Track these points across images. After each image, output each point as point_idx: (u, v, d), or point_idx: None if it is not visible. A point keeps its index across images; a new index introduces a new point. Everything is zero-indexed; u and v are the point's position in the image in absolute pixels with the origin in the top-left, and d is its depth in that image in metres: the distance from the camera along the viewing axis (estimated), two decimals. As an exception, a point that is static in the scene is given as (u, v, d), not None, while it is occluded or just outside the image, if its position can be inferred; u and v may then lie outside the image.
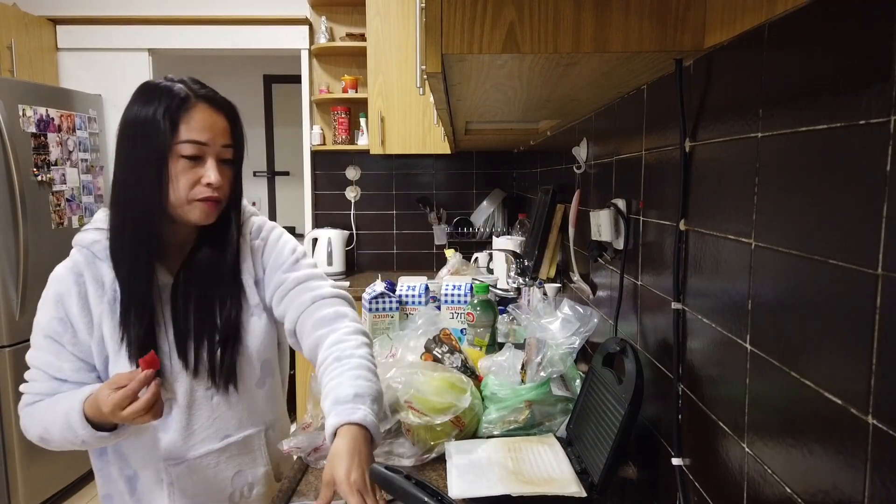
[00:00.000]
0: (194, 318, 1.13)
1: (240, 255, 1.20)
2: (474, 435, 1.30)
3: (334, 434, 0.99)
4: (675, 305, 0.98)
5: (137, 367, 1.04)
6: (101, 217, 1.15)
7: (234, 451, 1.19)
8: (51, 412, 1.07)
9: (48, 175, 3.09)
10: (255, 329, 1.20)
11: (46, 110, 3.11)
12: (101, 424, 1.05)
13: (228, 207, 1.16)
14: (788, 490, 0.67)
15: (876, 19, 0.53)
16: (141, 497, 1.16)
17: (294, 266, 1.23)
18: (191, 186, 1.07)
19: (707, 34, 0.85)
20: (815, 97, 0.62)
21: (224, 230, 1.16)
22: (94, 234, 1.12)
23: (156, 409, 1.00)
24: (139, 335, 1.08)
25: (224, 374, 1.15)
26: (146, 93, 1.08)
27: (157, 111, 1.04)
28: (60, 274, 1.11)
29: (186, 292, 1.14)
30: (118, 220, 1.10)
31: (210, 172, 1.08)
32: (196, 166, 1.07)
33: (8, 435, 2.84)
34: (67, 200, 3.25)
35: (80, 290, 1.09)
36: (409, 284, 2.01)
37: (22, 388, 1.13)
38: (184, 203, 1.08)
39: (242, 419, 1.20)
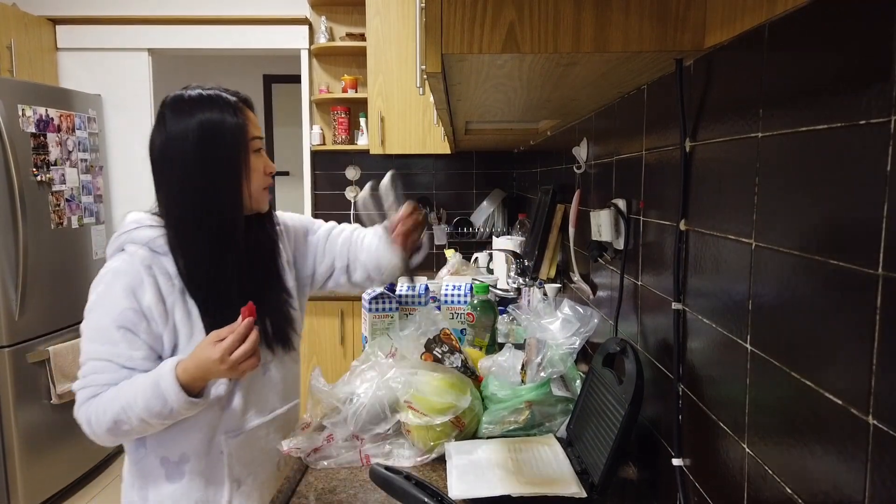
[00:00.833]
0: (251, 297, 1.18)
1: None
2: (474, 435, 1.30)
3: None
4: (675, 305, 0.98)
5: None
6: (144, 218, 1.20)
7: (280, 423, 1.31)
8: (127, 392, 1.09)
9: (48, 175, 3.08)
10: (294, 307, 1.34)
11: (46, 110, 3.11)
12: (191, 391, 1.10)
13: None
14: (789, 490, 0.67)
15: (876, 19, 0.53)
16: (192, 479, 1.19)
17: (314, 226, 1.46)
18: (262, 177, 1.22)
19: (707, 34, 0.85)
20: (815, 97, 0.62)
21: (268, 215, 1.31)
22: (148, 231, 1.17)
23: (258, 354, 1.09)
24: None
25: (281, 346, 1.29)
26: (196, 103, 1.15)
27: (225, 114, 1.15)
28: (125, 268, 1.14)
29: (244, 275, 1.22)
30: (197, 225, 1.15)
31: (269, 162, 1.25)
32: (259, 158, 1.22)
33: (8, 435, 2.83)
34: (67, 200, 3.24)
35: (153, 281, 1.14)
36: (408, 285, 2.00)
37: (79, 384, 1.13)
38: (259, 192, 1.22)
39: (286, 392, 1.33)
